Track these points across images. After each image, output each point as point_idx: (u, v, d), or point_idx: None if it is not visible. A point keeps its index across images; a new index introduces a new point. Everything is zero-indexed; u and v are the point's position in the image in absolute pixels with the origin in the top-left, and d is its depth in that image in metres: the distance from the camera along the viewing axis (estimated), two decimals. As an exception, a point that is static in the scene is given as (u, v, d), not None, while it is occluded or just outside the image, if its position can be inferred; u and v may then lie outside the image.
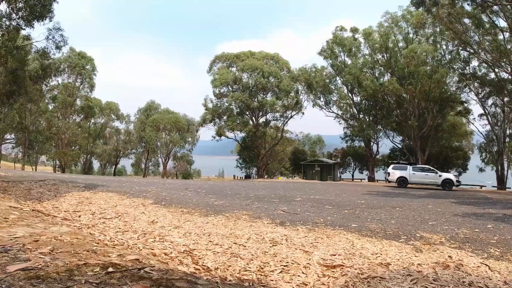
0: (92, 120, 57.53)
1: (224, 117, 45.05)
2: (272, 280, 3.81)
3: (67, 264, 2.74)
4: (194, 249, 4.89)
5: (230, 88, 44.29)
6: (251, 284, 3.53)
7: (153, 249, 4.65)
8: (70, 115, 50.70)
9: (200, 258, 4.47)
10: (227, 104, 44.77)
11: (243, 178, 47.99)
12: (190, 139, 61.68)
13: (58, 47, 26.85)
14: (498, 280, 4.22)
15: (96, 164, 65.44)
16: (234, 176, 52.54)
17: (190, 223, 6.86)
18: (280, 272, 4.12)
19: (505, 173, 37.72)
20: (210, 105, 45.43)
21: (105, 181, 18.17)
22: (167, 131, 56.63)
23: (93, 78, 50.07)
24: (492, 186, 35.64)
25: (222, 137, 45.50)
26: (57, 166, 50.85)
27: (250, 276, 3.89)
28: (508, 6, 23.24)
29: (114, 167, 63.88)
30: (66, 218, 6.43)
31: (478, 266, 4.79)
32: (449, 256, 5.25)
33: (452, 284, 3.91)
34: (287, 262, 4.47)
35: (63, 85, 47.72)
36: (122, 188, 13.36)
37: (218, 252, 4.79)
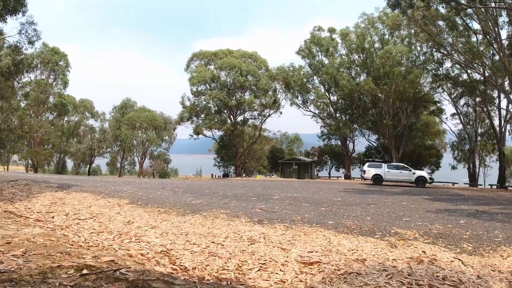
0: (66, 118, 55.91)
1: (202, 116, 44.70)
2: (250, 279, 3.82)
3: (41, 266, 2.67)
4: (172, 249, 4.84)
5: (208, 86, 44.00)
6: (229, 283, 3.53)
7: (129, 250, 4.57)
8: (43, 113, 49.08)
9: (177, 258, 4.43)
10: (205, 102, 44.44)
11: (221, 176, 47.85)
12: (167, 137, 60.91)
13: (31, 42, 25.92)
14: (472, 275, 4.35)
15: (69, 164, 63.68)
16: (212, 175, 52.28)
17: (167, 223, 6.78)
18: (258, 270, 4.13)
19: (477, 170, 39.28)
20: (187, 103, 45.04)
21: (79, 181, 17.73)
22: (143, 130, 55.70)
23: (66, 74, 48.62)
24: (464, 183, 36.95)
25: (200, 136, 45.17)
26: (29, 165, 49.19)
27: (228, 275, 3.89)
28: (482, 9, 24.03)
29: (88, 166, 62.31)
30: (39, 219, 6.25)
31: (452, 261, 4.94)
32: (423, 251, 5.39)
33: (426, 279, 4.01)
34: (265, 260, 4.49)
35: (36, 81, 46.12)
36: (96, 188, 13.06)
37: (196, 252, 4.76)
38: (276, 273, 4.05)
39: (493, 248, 5.81)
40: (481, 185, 38.44)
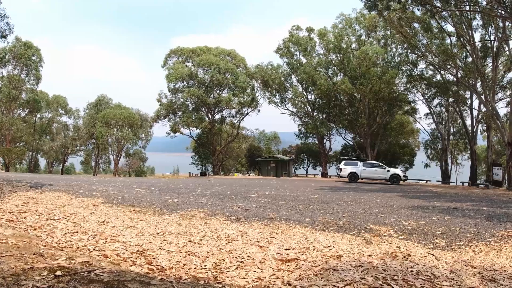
0: (38, 115, 54.10)
1: (179, 113, 44.15)
2: (228, 277, 3.82)
3: (13, 268, 2.59)
4: (148, 249, 4.78)
5: (186, 84, 43.49)
6: (206, 282, 3.52)
7: (104, 251, 4.48)
8: (15, 110, 47.27)
9: (154, 258, 4.38)
10: (182, 99, 43.88)
11: (199, 175, 47.50)
12: (143, 135, 59.81)
13: (3, 36, 24.95)
14: (445, 269, 4.49)
15: (42, 162, 61.70)
16: (189, 173, 51.78)
17: (143, 222, 6.69)
18: (236, 268, 4.14)
19: (449, 168, 40.77)
20: (164, 101, 44.34)
21: (52, 180, 17.25)
22: (118, 127, 54.44)
23: (39, 70, 46.96)
24: (437, 181, 38.16)
25: (177, 134, 44.60)
26: (0, 164, 47.32)
27: (206, 274, 3.88)
28: (456, 12, 24.77)
29: (62, 165, 60.49)
30: (11, 220, 6.04)
31: (425, 256, 5.08)
32: (397, 247, 5.52)
33: (400, 274, 4.12)
34: (243, 258, 4.50)
35: (8, 77, 44.34)
36: (70, 187, 12.72)
37: (173, 251, 4.72)
38: (254, 271, 4.07)
39: (465, 244, 6.01)
40: (453, 182, 39.84)
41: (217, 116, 45.91)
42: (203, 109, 44.53)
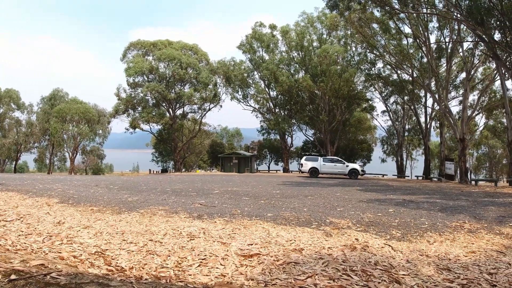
0: (-12, 110, 50.52)
1: (139, 108, 42.93)
2: (190, 275, 3.80)
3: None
4: (107, 250, 4.64)
5: (146, 78, 42.34)
6: (168, 280, 3.48)
7: (60, 253, 4.30)
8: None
9: (113, 259, 4.26)
10: (142, 94, 42.66)
11: (160, 172, 46.58)
12: (101, 131, 57.45)
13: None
14: (401, 259, 4.70)
15: (-7, 160, 57.74)
16: (149, 170, 50.55)
17: (101, 222, 6.47)
18: (198, 265, 4.12)
19: (404, 163, 42.87)
20: (123, 95, 42.90)
21: (4, 179, 16.29)
22: (74, 123, 52.00)
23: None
24: (393, 175, 39.94)
25: (137, 130, 43.36)
26: None
27: (168, 272, 3.83)
28: (414, 14, 25.85)
29: (14, 163, 56.90)
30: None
31: (382, 247, 5.29)
32: (356, 239, 5.72)
33: (359, 264, 4.28)
34: (205, 255, 4.49)
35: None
36: (23, 187, 12.04)
37: (133, 251, 4.61)
38: (217, 268, 4.07)
39: (420, 234, 6.29)
40: (408, 176, 41.96)
41: (179, 112, 45.18)
42: (164, 104, 43.60)
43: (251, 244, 5.09)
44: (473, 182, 25.41)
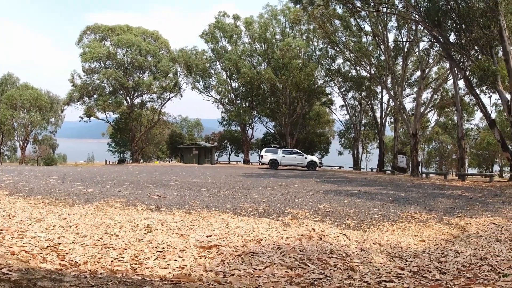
0: None
1: (95, 96, 41.03)
2: (148, 268, 3.76)
3: None
4: (60, 244, 4.47)
5: (103, 64, 40.49)
6: (124, 274, 3.43)
7: (11, 247, 4.09)
8: None
9: (66, 253, 4.12)
10: (98, 81, 40.74)
11: (116, 163, 45.10)
12: (53, 119, 54.33)
13: None
14: (355, 248, 4.92)
15: None
16: (105, 161, 48.74)
17: (53, 215, 6.21)
18: (156, 258, 4.09)
19: (360, 156, 44.57)
20: (78, 82, 40.79)
21: None
22: (26, 110, 48.74)
23: None
24: (349, 167, 41.38)
25: (92, 118, 41.49)
26: None
27: (124, 266, 3.77)
28: (374, 13, 26.61)
29: (-42, 153, 52.63)
30: None
31: (338, 236, 5.51)
32: (312, 229, 5.90)
33: (316, 253, 4.43)
34: (163, 248, 4.46)
35: None
36: (-37, 176, 11.25)
37: (87, 245, 4.48)
38: (175, 260, 4.06)
39: (373, 224, 6.59)
40: (363, 168, 43.66)
41: (137, 101, 43.74)
42: (122, 92, 42.05)
43: (210, 236, 5.11)
44: (424, 175, 26.82)
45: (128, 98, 42.46)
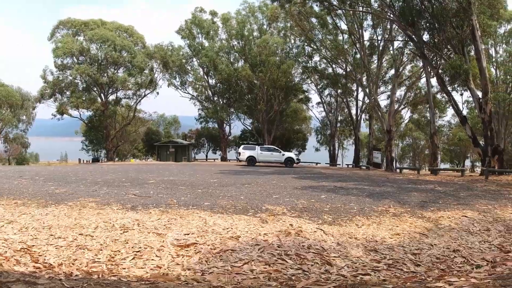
0: None
1: (67, 93, 39.86)
2: (124, 268, 3.73)
3: None
4: (33, 246, 4.36)
5: (76, 60, 39.33)
6: (100, 276, 3.38)
7: (-20, 250, 3.97)
8: None
9: (40, 255, 4.03)
10: (71, 77, 39.55)
11: (90, 161, 44.01)
12: (25, 117, 52.24)
13: None
14: (332, 242, 5.02)
15: None
16: (79, 160, 47.40)
17: (26, 216, 6.03)
18: (133, 258, 4.05)
19: (336, 152, 45.31)
20: (50, 78, 39.47)
21: None
22: (-4, 107, 46.73)
23: None
24: (326, 163, 41.95)
25: (65, 116, 40.38)
26: None
27: (100, 267, 3.72)
28: (350, 12, 26.98)
29: None
30: None
31: (315, 231, 5.58)
32: (290, 225, 5.95)
33: (293, 249, 4.50)
34: (140, 248, 4.42)
35: None
36: None
37: (62, 246, 4.39)
38: (152, 259, 4.04)
39: (349, 219, 6.69)
40: (340, 164, 44.37)
41: (111, 97, 42.76)
42: (95, 89, 41.02)
43: (188, 234, 5.10)
44: (398, 170, 27.48)
45: (102, 94, 41.47)
